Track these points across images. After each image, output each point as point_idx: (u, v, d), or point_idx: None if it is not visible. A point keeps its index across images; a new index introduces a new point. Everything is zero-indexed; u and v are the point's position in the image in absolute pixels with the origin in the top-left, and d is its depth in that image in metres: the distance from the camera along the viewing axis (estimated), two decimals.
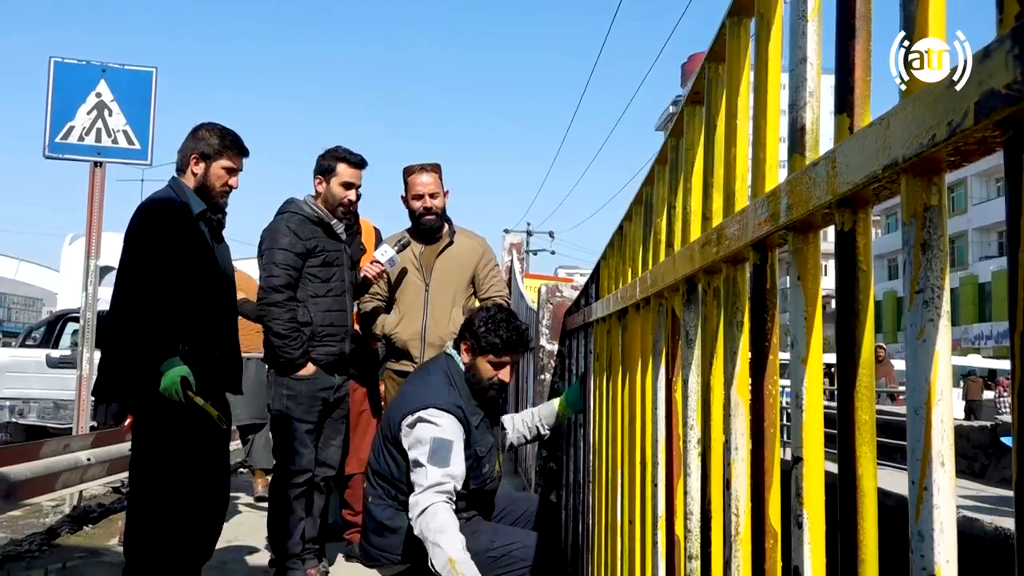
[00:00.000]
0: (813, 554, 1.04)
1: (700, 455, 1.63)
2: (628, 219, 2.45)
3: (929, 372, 0.76)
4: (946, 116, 0.67)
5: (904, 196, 0.78)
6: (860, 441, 0.90)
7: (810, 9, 1.07)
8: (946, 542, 0.75)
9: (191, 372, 3.06)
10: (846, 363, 0.92)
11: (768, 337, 1.21)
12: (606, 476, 2.77)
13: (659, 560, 1.97)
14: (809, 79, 1.07)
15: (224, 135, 3.39)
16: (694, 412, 1.68)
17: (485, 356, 3.37)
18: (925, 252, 0.76)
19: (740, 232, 1.28)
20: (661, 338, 1.96)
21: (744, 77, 1.40)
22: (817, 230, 1.07)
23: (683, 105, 1.76)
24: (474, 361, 3.39)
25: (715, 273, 1.51)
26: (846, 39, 0.93)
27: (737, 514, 1.35)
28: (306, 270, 4.05)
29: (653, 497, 2.02)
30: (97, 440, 6.08)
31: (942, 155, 0.72)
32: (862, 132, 0.86)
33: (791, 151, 1.08)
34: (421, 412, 3.24)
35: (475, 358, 3.39)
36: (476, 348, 3.37)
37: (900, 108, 0.76)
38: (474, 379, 3.39)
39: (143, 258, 3.08)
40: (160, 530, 3.14)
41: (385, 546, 3.28)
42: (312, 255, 4.05)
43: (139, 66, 6.45)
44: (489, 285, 4.25)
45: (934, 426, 0.75)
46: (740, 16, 1.40)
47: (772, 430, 1.21)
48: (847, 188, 0.88)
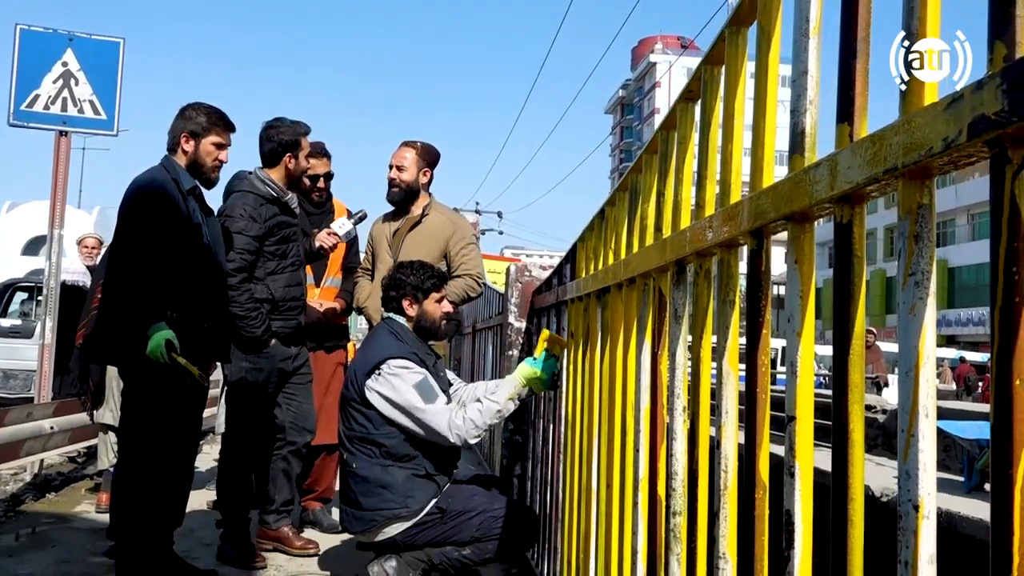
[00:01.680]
0: (803, 499, 1.21)
1: (687, 421, 1.80)
2: (611, 204, 2.60)
3: (918, 341, 0.92)
4: (943, 133, 0.84)
5: (901, 196, 0.94)
6: (852, 400, 1.06)
7: (811, 28, 1.23)
8: (928, 479, 0.91)
9: (176, 336, 3.18)
10: (842, 334, 1.08)
11: (762, 313, 1.37)
12: (581, 445, 2.93)
13: (639, 519, 2.14)
14: (809, 89, 1.23)
15: (211, 113, 3.51)
16: (680, 382, 1.84)
17: (429, 298, 3.69)
18: (917, 243, 0.93)
19: (738, 220, 1.43)
20: (647, 315, 2.12)
21: (742, 80, 1.56)
22: (812, 221, 1.24)
23: (676, 101, 1.91)
24: (422, 308, 3.69)
25: (708, 256, 1.68)
26: (849, 59, 1.09)
27: (726, 471, 1.52)
28: (264, 249, 4.14)
29: (634, 462, 2.19)
30: (58, 409, 6.11)
31: (935, 164, 0.88)
32: (863, 141, 1.02)
33: (792, 152, 1.24)
34: (382, 367, 3.48)
35: (422, 304, 3.69)
36: (420, 295, 3.69)
37: (901, 123, 0.92)
38: (428, 322, 3.70)
39: (136, 232, 3.20)
40: (147, 488, 3.26)
41: (379, 504, 3.42)
42: (270, 234, 4.14)
43: (107, 36, 6.44)
44: (460, 263, 4.38)
45: (921, 385, 0.92)
46: (739, 26, 1.55)
47: (763, 395, 1.38)
48: (847, 187, 1.04)
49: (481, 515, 3.39)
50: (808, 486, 1.22)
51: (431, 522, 3.40)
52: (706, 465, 1.71)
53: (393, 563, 3.40)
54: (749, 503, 1.38)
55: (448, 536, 3.40)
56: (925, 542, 0.91)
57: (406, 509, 3.38)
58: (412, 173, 4.43)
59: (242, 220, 4.04)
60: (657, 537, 1.97)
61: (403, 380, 3.42)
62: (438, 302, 3.72)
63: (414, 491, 3.38)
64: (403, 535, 3.41)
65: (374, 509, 3.42)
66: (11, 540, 4.29)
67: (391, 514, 3.39)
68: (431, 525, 3.40)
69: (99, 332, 3.33)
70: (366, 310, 4.48)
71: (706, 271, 1.70)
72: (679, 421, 1.83)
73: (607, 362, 2.55)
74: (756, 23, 1.44)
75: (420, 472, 3.44)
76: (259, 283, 4.11)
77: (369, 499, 3.44)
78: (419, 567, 3.40)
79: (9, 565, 3.83)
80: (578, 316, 3.09)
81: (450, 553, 3.40)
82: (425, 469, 3.45)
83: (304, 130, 4.26)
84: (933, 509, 0.91)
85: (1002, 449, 0.78)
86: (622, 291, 2.40)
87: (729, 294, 1.54)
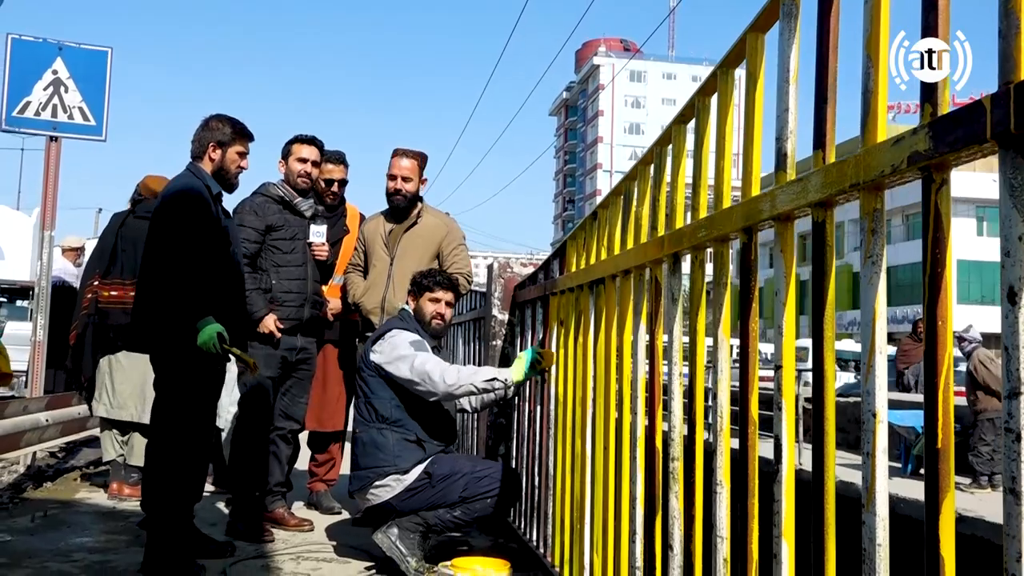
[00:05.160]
0: (788, 427, 1.63)
1: (684, 383, 2.22)
2: (604, 207, 3.02)
3: (874, 303, 1.35)
4: (891, 161, 1.26)
5: (862, 203, 1.36)
6: (827, 348, 1.48)
7: (791, 76, 1.65)
8: (881, 396, 1.34)
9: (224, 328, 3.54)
10: (819, 301, 1.50)
11: (752, 291, 1.79)
12: (574, 418, 3.33)
13: (637, 471, 2.56)
14: (790, 121, 1.65)
15: (234, 124, 3.86)
16: (676, 352, 2.25)
17: (423, 296, 4.14)
18: (874, 235, 1.35)
19: (730, 220, 1.85)
20: (643, 300, 2.54)
21: (730, 110, 1.98)
22: (793, 221, 1.66)
23: (671, 123, 2.33)
24: (418, 304, 4.15)
25: (702, 249, 2.10)
26: (822, 103, 1.51)
27: (721, 416, 1.93)
28: (269, 242, 4.55)
29: (632, 424, 2.60)
30: (51, 403, 6.36)
31: (885, 181, 1.31)
32: (833, 164, 1.44)
33: (777, 169, 1.66)
34: (386, 335, 3.99)
35: (418, 301, 4.15)
36: (417, 293, 4.16)
37: (862, 153, 1.34)
38: (422, 319, 4.14)
39: (179, 232, 3.52)
40: (178, 464, 3.59)
41: (372, 463, 3.84)
42: (274, 229, 4.55)
43: (95, 46, 6.71)
44: (452, 262, 4.75)
45: (877, 333, 1.34)
46: (727, 67, 1.97)
47: (754, 355, 1.79)
48: (823, 195, 1.46)
49: (465, 477, 3.80)
50: (792, 416, 1.64)
51: (421, 487, 3.80)
52: (701, 416, 2.13)
53: (395, 530, 3.77)
54: (743, 436, 1.79)
55: (438, 499, 3.79)
56: (880, 439, 1.33)
57: (394, 467, 3.80)
58: (415, 183, 4.82)
59: (248, 215, 4.55)
60: (655, 482, 2.38)
61: (401, 339, 3.92)
62: (432, 301, 4.14)
63: (403, 453, 3.81)
64: (397, 499, 3.80)
65: (367, 467, 3.85)
66: (27, 522, 4.56)
67: (381, 471, 3.81)
68: (421, 489, 3.80)
69: (139, 324, 3.64)
70: (362, 305, 4.82)
71: (700, 261, 2.12)
72: (675, 383, 2.24)
73: (602, 342, 2.96)
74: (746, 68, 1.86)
75: (411, 437, 3.85)
76: (264, 273, 4.50)
77: (365, 459, 3.87)
78: (417, 530, 3.79)
79: (34, 541, 4.12)
80: (568, 305, 3.49)
81: (443, 515, 3.81)
82: (416, 435, 3.86)
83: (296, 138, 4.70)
84: (884, 415, 1.34)
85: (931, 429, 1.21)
86: (616, 281, 2.81)
87: (723, 277, 1.96)
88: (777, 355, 1.65)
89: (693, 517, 2.11)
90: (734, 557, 1.84)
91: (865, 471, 1.34)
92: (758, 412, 1.77)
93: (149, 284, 3.60)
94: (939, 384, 1.20)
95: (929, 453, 1.21)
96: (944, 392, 1.20)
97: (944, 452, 1.19)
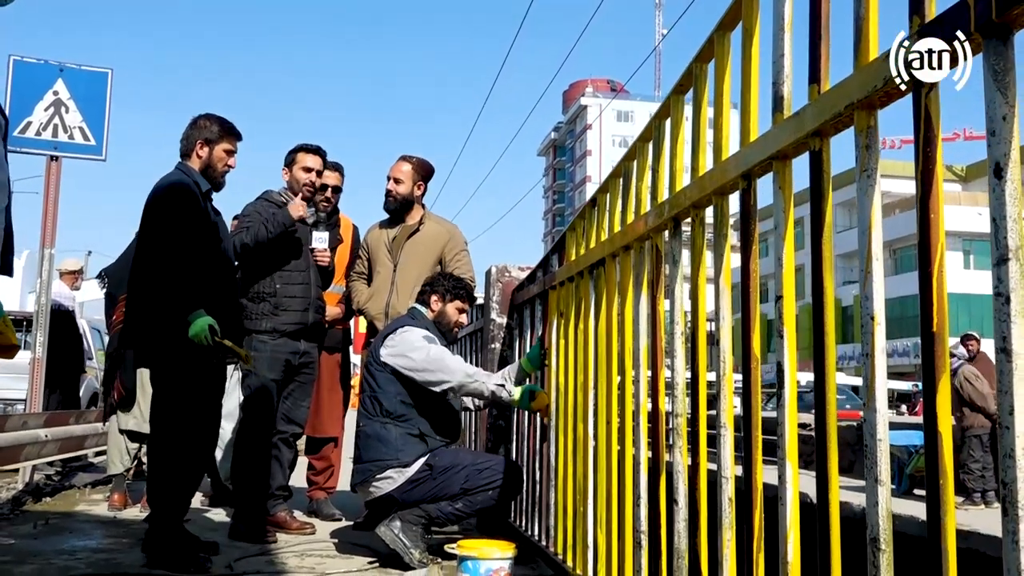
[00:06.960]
0: (790, 355, 1.70)
1: (686, 340, 2.29)
2: (603, 191, 3.11)
3: (870, 211, 1.43)
4: (883, 74, 1.35)
5: (856, 120, 1.45)
6: (825, 267, 1.56)
7: (786, 23, 1.75)
8: (879, 301, 1.41)
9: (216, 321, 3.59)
10: (817, 228, 1.58)
11: (752, 235, 1.87)
12: (576, 405, 3.39)
13: (640, 435, 2.62)
14: (785, 66, 1.74)
15: (222, 123, 3.95)
16: (678, 313, 2.33)
17: (453, 303, 4.22)
18: (868, 150, 1.44)
19: (729, 170, 1.94)
20: (643, 270, 2.62)
21: (727, 70, 2.07)
22: (790, 159, 1.74)
23: (669, 94, 2.42)
24: (444, 307, 4.21)
25: (702, 207, 2.18)
26: (816, 41, 1.61)
27: (724, 360, 2.01)
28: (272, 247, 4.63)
29: (635, 394, 2.67)
30: (48, 420, 6.38)
31: (876, 97, 1.39)
32: (828, 91, 1.53)
33: (774, 111, 1.75)
34: (398, 330, 4.05)
35: (445, 305, 4.21)
36: (447, 297, 4.21)
37: (856, 73, 1.43)
38: (443, 322, 4.21)
39: (167, 227, 3.60)
40: (176, 462, 3.64)
41: (375, 455, 3.88)
42: None
43: (95, 67, 6.85)
44: (454, 268, 4.83)
45: (873, 240, 1.42)
46: (724, 30, 2.07)
47: (755, 295, 1.87)
48: (819, 123, 1.55)
49: (466, 469, 3.85)
50: (792, 344, 1.71)
51: (422, 479, 3.85)
52: (704, 363, 2.20)
53: (397, 523, 3.80)
54: (746, 373, 1.87)
55: (440, 491, 3.84)
56: (878, 340, 1.41)
57: (396, 460, 3.84)
58: (408, 187, 4.90)
59: None
60: (659, 444, 2.44)
61: (415, 334, 3.99)
62: (459, 311, 4.25)
63: (406, 446, 3.86)
64: (399, 491, 3.84)
65: (370, 460, 3.90)
66: (29, 528, 4.57)
67: (384, 464, 3.85)
68: (423, 482, 3.84)
69: (133, 320, 3.72)
70: (367, 311, 4.89)
71: (700, 219, 2.20)
72: (678, 343, 2.32)
73: (603, 323, 3.03)
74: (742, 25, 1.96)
75: (414, 432, 3.90)
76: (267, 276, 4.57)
77: (368, 452, 3.92)
78: (420, 523, 3.83)
79: (38, 544, 4.14)
80: (568, 296, 3.57)
81: (445, 507, 3.85)
82: (419, 429, 3.91)
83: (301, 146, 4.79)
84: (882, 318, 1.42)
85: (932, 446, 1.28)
86: (616, 259, 2.89)
87: (722, 229, 2.04)
88: (777, 286, 1.73)
89: (697, 469, 2.17)
90: (739, 503, 1.90)
91: (869, 415, 1.42)
92: (760, 347, 1.85)
93: (140, 279, 3.68)
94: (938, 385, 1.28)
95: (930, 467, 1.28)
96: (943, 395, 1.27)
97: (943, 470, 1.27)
